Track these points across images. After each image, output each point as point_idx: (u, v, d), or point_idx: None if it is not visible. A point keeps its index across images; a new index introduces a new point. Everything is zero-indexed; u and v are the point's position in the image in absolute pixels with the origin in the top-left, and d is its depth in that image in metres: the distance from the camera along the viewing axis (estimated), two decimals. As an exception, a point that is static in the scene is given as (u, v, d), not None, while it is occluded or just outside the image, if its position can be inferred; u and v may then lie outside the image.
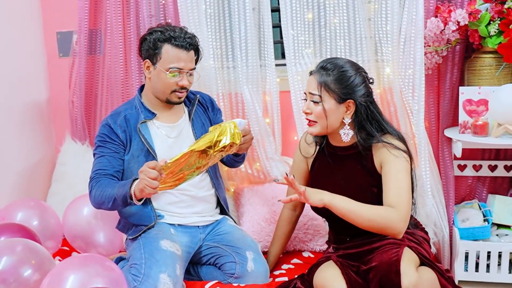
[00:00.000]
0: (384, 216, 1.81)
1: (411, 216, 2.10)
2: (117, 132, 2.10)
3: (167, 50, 2.04)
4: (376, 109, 1.95)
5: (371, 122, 1.93)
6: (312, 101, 1.92)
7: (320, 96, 1.90)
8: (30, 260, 1.91)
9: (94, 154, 2.13)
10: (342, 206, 1.82)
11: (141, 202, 1.91)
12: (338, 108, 1.90)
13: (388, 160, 1.89)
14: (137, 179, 1.87)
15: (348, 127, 1.93)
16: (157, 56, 2.06)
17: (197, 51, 2.13)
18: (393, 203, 1.83)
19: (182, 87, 2.08)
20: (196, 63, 2.15)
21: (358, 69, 1.94)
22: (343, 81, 1.89)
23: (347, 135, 1.93)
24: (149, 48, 2.07)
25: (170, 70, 2.05)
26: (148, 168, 1.77)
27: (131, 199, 1.88)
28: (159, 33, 2.06)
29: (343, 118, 1.92)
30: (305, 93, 1.97)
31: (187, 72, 2.08)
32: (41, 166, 2.82)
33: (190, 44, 2.06)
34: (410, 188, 1.89)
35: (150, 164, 1.78)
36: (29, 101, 2.74)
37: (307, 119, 1.96)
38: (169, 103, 2.13)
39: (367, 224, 1.82)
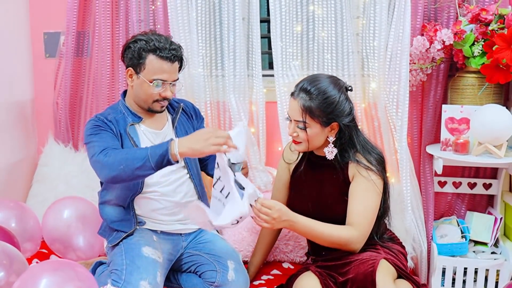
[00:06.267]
0: (342, 236, 1.87)
1: (388, 230, 2.14)
2: (110, 126, 2.05)
3: (152, 61, 2.01)
4: (356, 128, 1.99)
5: (351, 141, 1.97)
6: (297, 126, 1.94)
7: (305, 123, 1.91)
8: (1, 261, 1.90)
9: (88, 143, 2.00)
10: (304, 225, 1.86)
11: (179, 163, 1.83)
12: (323, 130, 1.93)
13: (357, 179, 1.95)
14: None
15: (332, 145, 1.96)
16: (141, 66, 2.03)
17: (181, 61, 2.10)
18: (354, 222, 1.89)
19: (165, 98, 2.06)
20: (179, 72, 2.13)
21: (340, 86, 1.94)
22: (328, 106, 1.89)
23: (331, 153, 1.97)
24: (133, 57, 2.04)
25: (153, 81, 2.02)
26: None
27: (173, 160, 1.79)
28: (144, 42, 2.01)
29: (328, 137, 1.96)
30: (288, 114, 1.98)
31: (170, 83, 2.06)
32: (22, 166, 2.78)
33: (175, 56, 2.03)
34: (375, 208, 1.94)
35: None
36: (13, 100, 2.71)
37: (293, 140, 1.99)
38: (150, 112, 2.12)
39: (327, 243, 1.89)
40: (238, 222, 1.77)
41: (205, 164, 2.28)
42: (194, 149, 1.77)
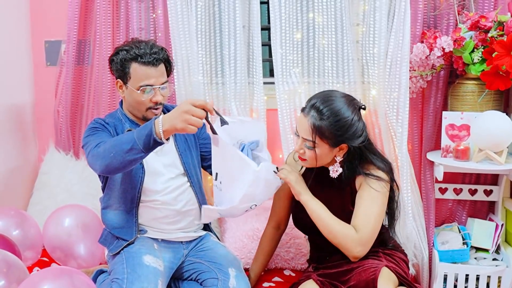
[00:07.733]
0: (345, 234, 1.86)
1: (391, 238, 2.14)
2: (108, 128, 2.07)
3: (135, 69, 2.02)
4: (368, 144, 1.94)
5: (362, 157, 1.95)
6: (305, 145, 1.90)
7: (314, 142, 1.86)
8: (1, 269, 1.89)
9: (85, 144, 1.99)
10: (314, 210, 1.90)
11: (169, 140, 1.75)
12: (331, 151, 1.90)
13: (364, 187, 1.93)
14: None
15: (339, 164, 1.94)
16: (126, 76, 2.05)
17: (167, 63, 2.10)
18: (358, 226, 1.88)
19: (157, 103, 2.06)
20: (168, 75, 2.13)
21: (353, 107, 1.87)
22: (339, 128, 1.84)
23: (335, 172, 1.94)
24: (117, 68, 2.07)
25: (141, 88, 2.02)
26: (195, 105, 1.69)
27: (158, 138, 1.72)
28: (125, 52, 2.04)
29: (335, 156, 1.93)
30: (296, 130, 1.94)
31: (159, 87, 2.06)
32: (23, 174, 2.78)
33: (157, 59, 2.04)
34: (379, 217, 1.91)
35: (197, 102, 1.70)
36: (13, 109, 2.72)
37: (299, 155, 1.95)
38: (145, 120, 2.10)
39: (328, 235, 1.89)
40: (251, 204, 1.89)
41: (209, 164, 2.28)
42: (177, 129, 1.71)
